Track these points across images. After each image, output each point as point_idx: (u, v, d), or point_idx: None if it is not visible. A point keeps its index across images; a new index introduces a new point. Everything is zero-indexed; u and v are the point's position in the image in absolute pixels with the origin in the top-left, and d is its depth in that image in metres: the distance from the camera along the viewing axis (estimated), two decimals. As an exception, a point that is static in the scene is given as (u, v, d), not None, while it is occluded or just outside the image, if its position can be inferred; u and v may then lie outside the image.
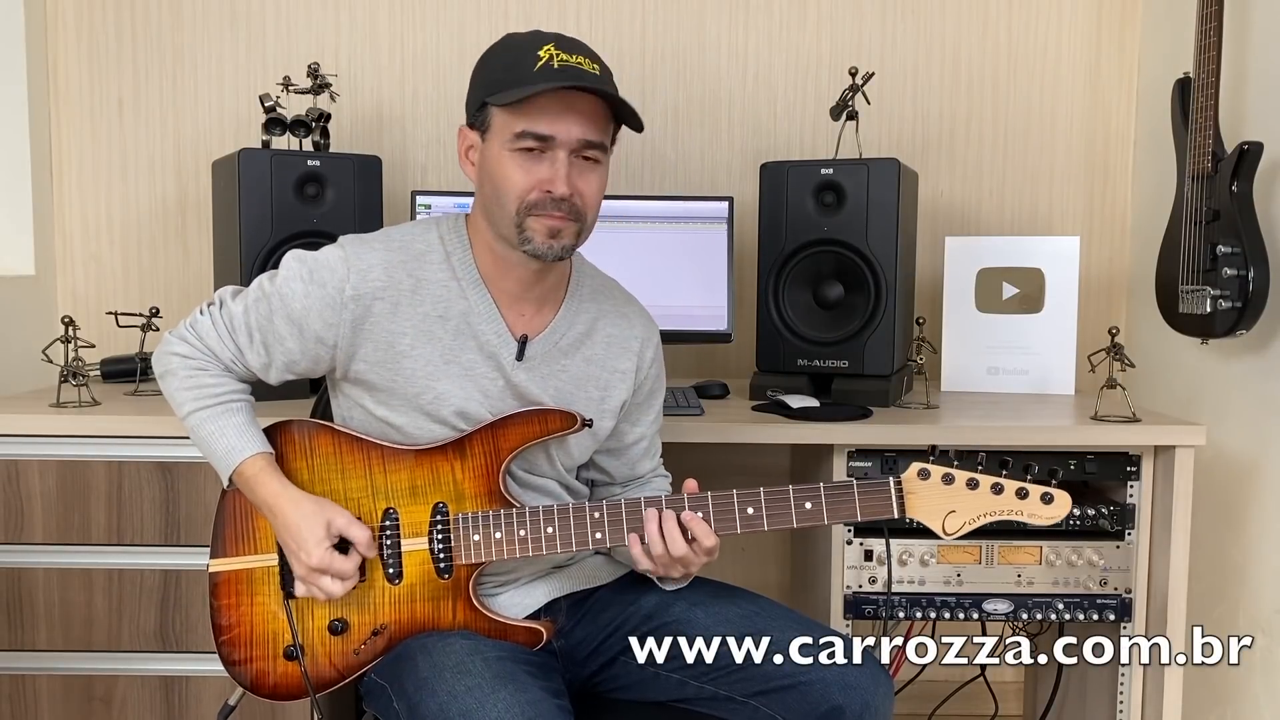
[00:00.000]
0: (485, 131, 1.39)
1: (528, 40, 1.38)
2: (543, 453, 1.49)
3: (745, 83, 2.50)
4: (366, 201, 2.06)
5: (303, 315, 1.40)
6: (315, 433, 1.47)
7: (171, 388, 1.46)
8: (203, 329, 1.45)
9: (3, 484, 1.80)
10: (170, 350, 1.47)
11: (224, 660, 1.46)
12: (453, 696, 1.27)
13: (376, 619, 1.43)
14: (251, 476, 1.41)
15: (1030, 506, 1.35)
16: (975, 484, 1.35)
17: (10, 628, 1.82)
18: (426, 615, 1.43)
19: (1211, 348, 2.11)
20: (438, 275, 1.43)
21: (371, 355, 1.42)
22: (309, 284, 1.40)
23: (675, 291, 2.20)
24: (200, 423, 1.44)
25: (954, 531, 1.36)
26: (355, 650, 1.43)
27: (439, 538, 1.42)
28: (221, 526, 1.48)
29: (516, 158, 1.36)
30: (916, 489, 1.36)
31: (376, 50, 2.46)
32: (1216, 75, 1.98)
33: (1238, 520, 2.08)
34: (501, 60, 1.38)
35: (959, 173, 2.52)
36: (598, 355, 1.52)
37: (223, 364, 1.45)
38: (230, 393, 1.45)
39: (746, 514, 1.38)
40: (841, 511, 1.38)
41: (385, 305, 1.41)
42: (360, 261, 1.41)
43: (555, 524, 1.41)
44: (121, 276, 2.48)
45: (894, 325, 2.03)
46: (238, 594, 1.46)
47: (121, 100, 2.45)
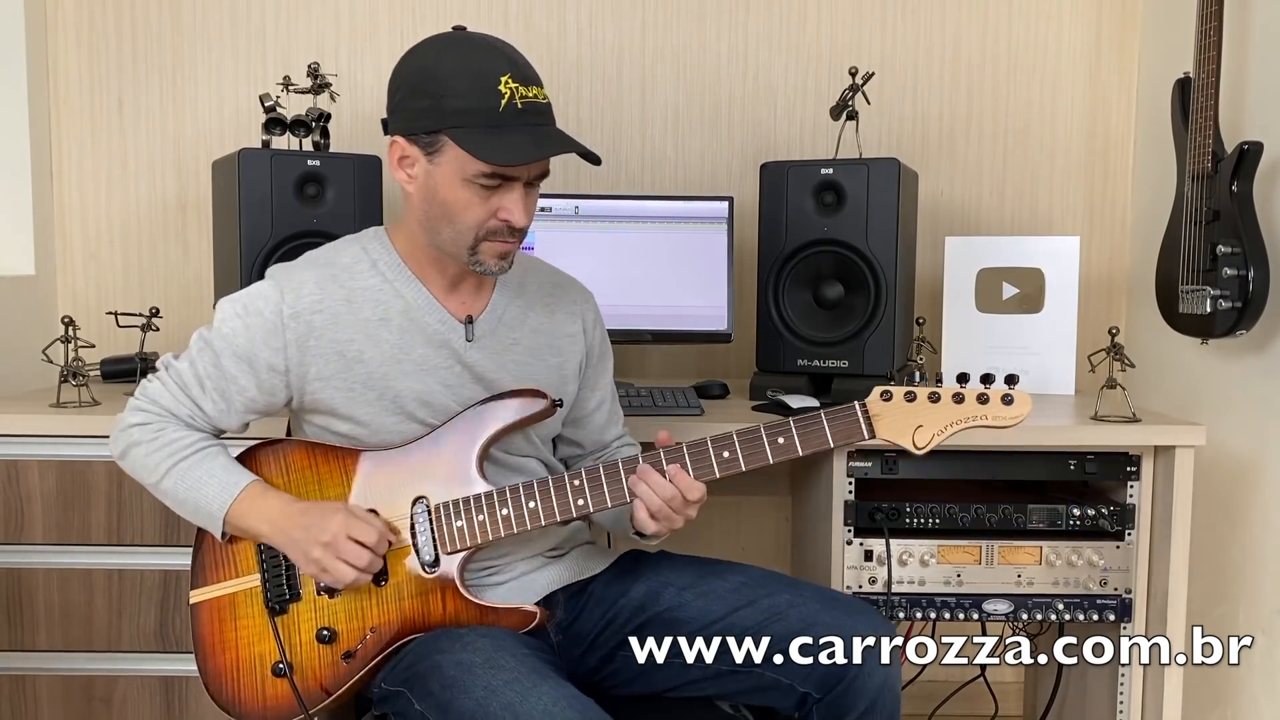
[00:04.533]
0: (435, 154, 1.37)
1: (478, 62, 1.34)
2: (519, 432, 1.50)
3: (745, 83, 2.50)
4: (366, 201, 2.06)
5: (248, 349, 1.41)
6: (287, 450, 1.47)
7: (139, 456, 1.44)
8: (154, 393, 1.45)
9: (3, 484, 1.80)
10: (126, 424, 1.46)
11: (210, 692, 1.45)
12: (491, 691, 1.27)
13: (366, 622, 1.43)
14: (257, 497, 1.41)
15: (993, 410, 1.39)
16: (937, 397, 1.40)
17: (10, 628, 1.82)
18: (415, 611, 1.43)
19: (1211, 348, 2.11)
20: (368, 282, 1.45)
21: (325, 371, 1.42)
22: (246, 317, 1.41)
23: (675, 291, 2.20)
24: (182, 475, 1.42)
25: (924, 445, 1.40)
26: (346, 655, 1.42)
27: (421, 530, 1.43)
28: (200, 555, 1.47)
29: (473, 188, 1.36)
30: (882, 410, 1.40)
31: (376, 50, 2.46)
32: (1216, 75, 1.98)
33: (1238, 520, 2.08)
34: (457, 85, 1.34)
35: (959, 173, 2.52)
36: (544, 324, 1.54)
37: (181, 421, 1.45)
38: (200, 440, 1.44)
39: (723, 457, 1.41)
40: (813, 440, 1.41)
41: (325, 318, 1.42)
42: (290, 281, 1.42)
43: (536, 498, 1.42)
44: (121, 276, 2.48)
45: (894, 325, 2.03)
46: (220, 621, 1.45)
47: (121, 100, 2.45)
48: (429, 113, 1.35)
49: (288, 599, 1.44)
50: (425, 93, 1.35)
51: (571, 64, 2.46)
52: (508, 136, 1.33)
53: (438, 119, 1.34)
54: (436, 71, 1.35)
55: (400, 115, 1.39)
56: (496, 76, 1.33)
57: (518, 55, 1.38)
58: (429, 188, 1.39)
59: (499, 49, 1.37)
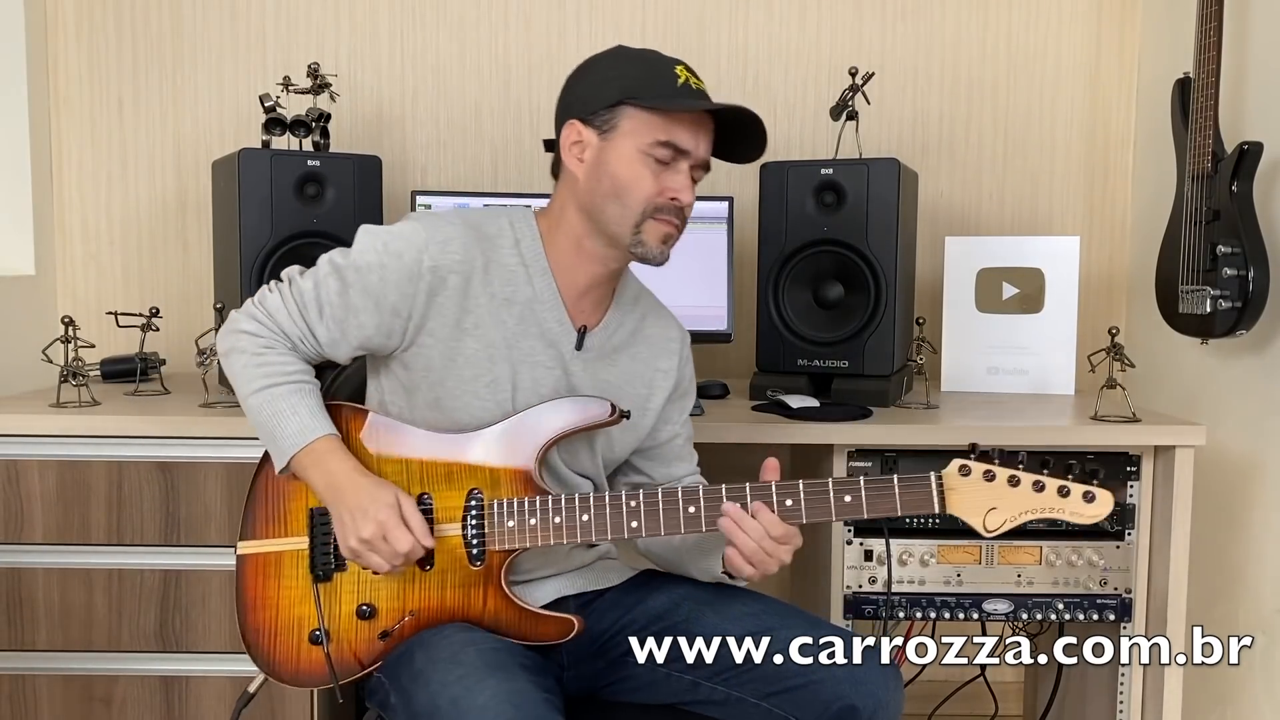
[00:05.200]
0: (610, 131, 1.40)
1: (654, 56, 1.44)
2: (586, 445, 1.50)
3: (745, 83, 2.49)
4: (366, 201, 2.06)
5: (380, 288, 1.39)
6: (352, 417, 1.46)
7: (238, 365, 1.44)
8: (272, 306, 1.44)
9: (3, 484, 1.80)
10: (238, 328, 1.45)
11: (247, 644, 1.45)
12: (443, 685, 1.27)
13: (406, 604, 1.43)
14: (326, 452, 1.40)
15: (1072, 505, 1.33)
16: (1016, 481, 1.33)
17: (10, 628, 1.82)
18: (456, 602, 1.42)
19: (1211, 348, 2.11)
20: (507, 259, 1.45)
21: (439, 330, 1.42)
22: (384, 255, 1.40)
23: (675, 291, 2.17)
24: (270, 400, 1.42)
25: (995, 529, 1.34)
26: (383, 634, 1.42)
27: (473, 523, 1.42)
28: (253, 507, 1.47)
29: (649, 163, 1.39)
30: (957, 485, 1.35)
31: (376, 50, 2.46)
32: (1216, 75, 1.98)
33: (1238, 520, 2.08)
34: (636, 68, 1.41)
35: (959, 173, 2.52)
36: (643, 353, 1.54)
37: (291, 342, 1.44)
38: (301, 372, 1.44)
39: (785, 505, 1.38)
40: (881, 506, 1.37)
41: (459, 279, 1.41)
42: (439, 234, 1.41)
43: (591, 511, 1.40)
44: (121, 276, 2.48)
45: (894, 325, 2.03)
46: (264, 578, 1.45)
47: (121, 100, 2.45)
48: (605, 88, 1.41)
49: (333, 568, 1.44)
50: (601, 74, 1.43)
51: (571, 64, 2.44)
52: (685, 101, 1.39)
53: (619, 90, 1.40)
54: (613, 58, 1.44)
55: (574, 101, 1.44)
56: (671, 66, 1.42)
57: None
58: (600, 164, 1.41)
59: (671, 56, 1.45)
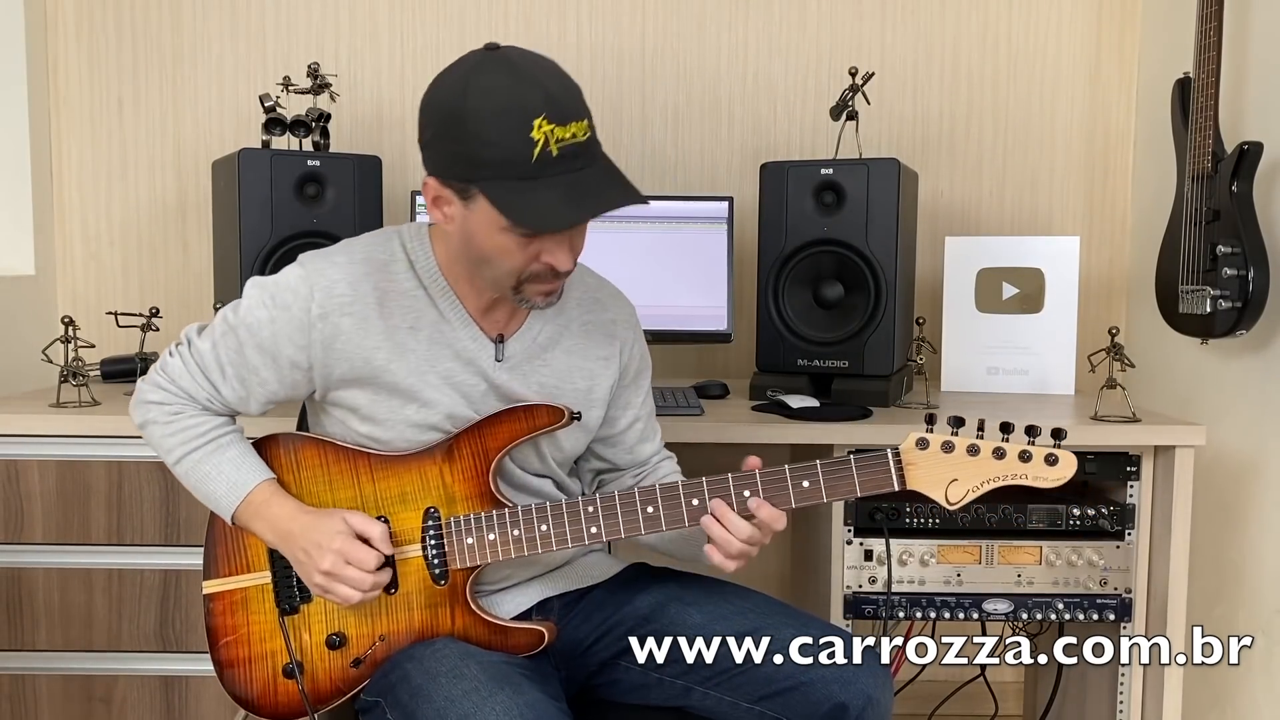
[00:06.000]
0: (467, 200, 1.28)
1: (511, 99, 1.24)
2: (533, 450, 1.47)
3: (745, 83, 2.50)
4: (366, 201, 2.06)
5: (272, 343, 1.38)
6: (300, 446, 1.45)
7: (155, 436, 1.44)
8: (174, 371, 1.43)
9: (3, 484, 1.80)
10: (145, 399, 1.44)
11: (223, 682, 1.45)
12: (450, 701, 1.26)
13: (375, 630, 1.42)
14: (261, 503, 1.40)
15: (1034, 469, 1.29)
16: (976, 450, 1.30)
17: (10, 628, 1.82)
18: (425, 622, 1.41)
19: (1211, 348, 2.11)
20: (404, 285, 1.40)
21: (349, 374, 1.39)
22: (272, 309, 1.37)
23: (675, 291, 2.20)
24: (193, 466, 1.41)
25: (957, 500, 1.31)
26: (354, 661, 1.42)
27: (432, 543, 1.41)
28: (212, 546, 1.46)
29: (511, 237, 1.28)
30: (916, 459, 1.32)
31: (376, 50, 2.46)
32: (1216, 75, 1.98)
33: (1238, 520, 2.08)
34: (487, 131, 1.24)
35: (959, 173, 2.52)
36: (578, 345, 1.49)
37: (199, 404, 1.43)
38: (215, 429, 1.43)
39: (743, 496, 1.35)
40: (840, 488, 1.34)
41: (353, 321, 1.37)
42: (323, 278, 1.37)
43: (549, 521, 1.39)
44: (121, 276, 2.48)
45: (894, 325, 2.03)
46: (232, 614, 1.44)
47: (121, 100, 2.45)
48: (459, 160, 1.27)
49: (298, 600, 1.43)
50: (454, 137, 1.26)
51: (571, 64, 2.42)
52: (542, 194, 1.24)
53: (468, 169, 1.26)
54: (465, 112, 1.25)
55: (431, 155, 1.31)
56: (529, 119, 1.23)
57: (555, 81, 1.27)
58: (467, 232, 1.32)
59: (534, 78, 1.25)
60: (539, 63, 1.29)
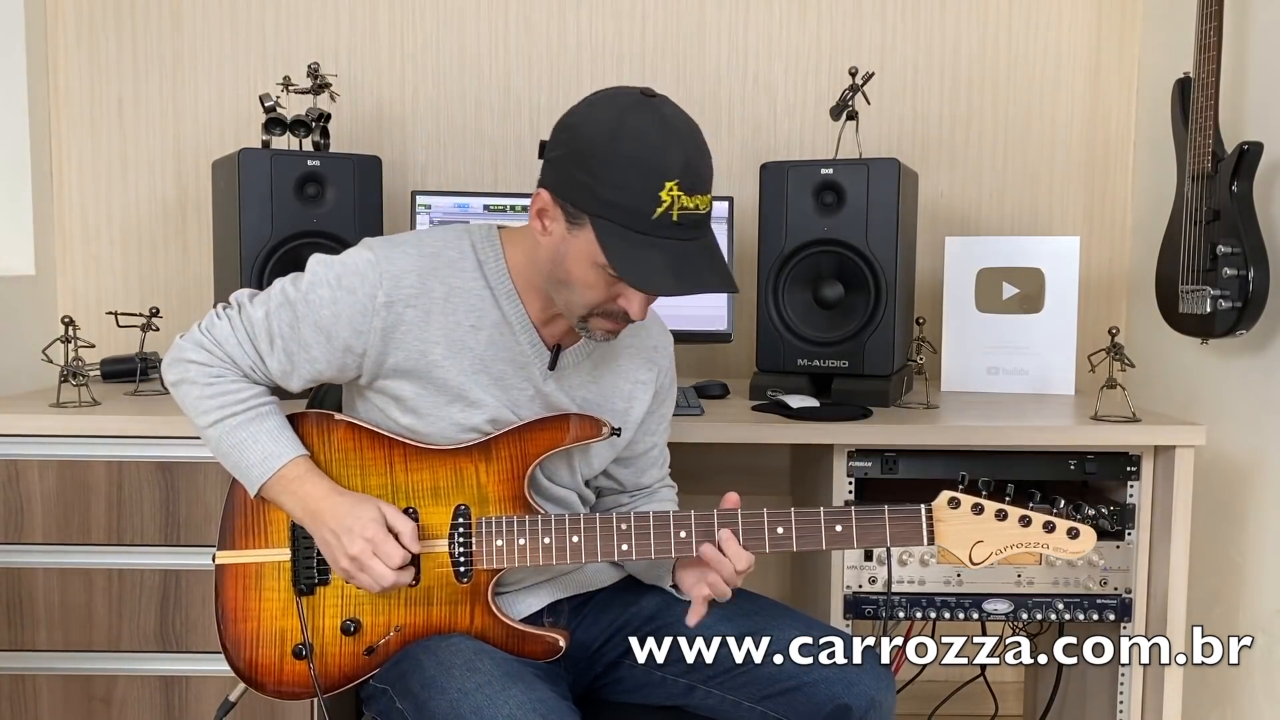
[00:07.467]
0: (575, 227, 1.30)
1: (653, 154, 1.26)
2: (565, 461, 1.48)
3: (745, 83, 2.50)
4: (366, 201, 2.06)
5: (331, 323, 1.36)
6: (334, 426, 1.44)
7: (189, 397, 1.41)
8: (221, 334, 1.41)
9: (3, 484, 1.80)
10: (184, 357, 1.41)
11: (228, 656, 1.43)
12: (463, 694, 1.27)
13: (391, 620, 1.41)
14: (294, 479, 1.38)
15: (1056, 540, 1.35)
16: (1004, 515, 1.36)
17: (10, 628, 1.82)
18: (442, 618, 1.41)
19: (1211, 348, 2.11)
20: (471, 284, 1.40)
21: (402, 364, 1.38)
22: (337, 290, 1.36)
23: (675, 291, 2.19)
24: (227, 432, 1.39)
25: (980, 561, 1.36)
26: (368, 649, 1.42)
27: (460, 540, 1.40)
28: (230, 518, 1.44)
29: (601, 273, 1.30)
30: (946, 517, 1.36)
31: (376, 50, 2.46)
32: (1216, 75, 1.98)
33: (1238, 520, 2.08)
34: (620, 175, 1.26)
35: (959, 173, 2.52)
36: (622, 367, 1.51)
37: (241, 370, 1.41)
38: (254, 397, 1.41)
39: (776, 533, 1.37)
40: (870, 537, 1.37)
41: (417, 314, 1.37)
42: (392, 266, 1.36)
43: (581, 533, 1.39)
44: (121, 276, 2.48)
45: (894, 325, 2.03)
46: (245, 588, 1.43)
47: (121, 100, 2.45)
48: (583, 189, 1.28)
49: (316, 582, 1.42)
50: (586, 167, 1.27)
51: (571, 64, 2.46)
52: (649, 252, 1.26)
53: (588, 200, 1.28)
54: (605, 150, 1.26)
55: (553, 171, 1.32)
56: (663, 179, 1.25)
57: (695, 149, 1.29)
58: (560, 253, 1.33)
59: (680, 140, 1.28)
60: (687, 124, 1.31)
